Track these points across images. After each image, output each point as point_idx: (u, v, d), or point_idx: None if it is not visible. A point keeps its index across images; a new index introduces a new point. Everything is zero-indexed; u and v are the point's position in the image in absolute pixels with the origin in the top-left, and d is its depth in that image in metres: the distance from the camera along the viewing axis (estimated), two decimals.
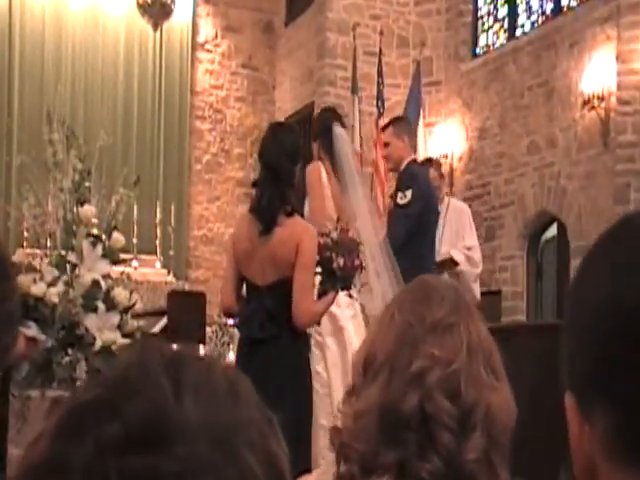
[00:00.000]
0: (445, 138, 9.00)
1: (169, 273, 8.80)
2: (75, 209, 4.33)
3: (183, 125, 9.83)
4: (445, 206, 6.48)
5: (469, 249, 6.40)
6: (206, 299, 5.50)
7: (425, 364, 1.30)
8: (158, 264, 8.81)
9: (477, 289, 6.43)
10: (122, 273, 4.56)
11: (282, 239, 3.76)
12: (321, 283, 3.86)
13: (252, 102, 10.29)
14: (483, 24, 9.20)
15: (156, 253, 8.91)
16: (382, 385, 1.32)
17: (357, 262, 3.82)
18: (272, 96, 10.45)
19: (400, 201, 5.38)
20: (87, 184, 4.44)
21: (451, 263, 6.21)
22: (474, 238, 6.54)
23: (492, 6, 9.12)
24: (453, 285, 1.49)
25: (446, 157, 8.88)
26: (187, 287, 8.72)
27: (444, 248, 6.30)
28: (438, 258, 6.21)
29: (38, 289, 3.92)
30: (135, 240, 8.66)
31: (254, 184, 4.02)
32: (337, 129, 5.05)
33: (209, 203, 9.83)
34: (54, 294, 3.94)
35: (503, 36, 8.93)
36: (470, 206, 8.33)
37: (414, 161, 5.83)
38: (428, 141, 8.90)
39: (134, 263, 8.29)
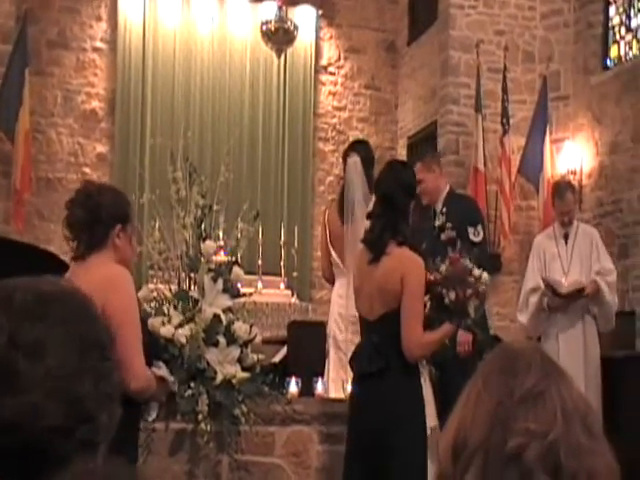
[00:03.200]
0: (573, 154, 8.72)
1: (293, 294, 8.90)
2: (197, 245, 4.46)
3: (307, 147, 9.95)
4: (574, 231, 6.27)
5: (603, 273, 6.11)
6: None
7: (521, 441, 1.23)
8: (282, 285, 8.93)
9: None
10: (243, 305, 4.66)
11: (389, 269, 3.75)
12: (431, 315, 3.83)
13: (374, 122, 10.30)
14: (614, 35, 8.86)
15: (281, 274, 9.03)
16: (477, 473, 1.27)
17: (469, 291, 3.76)
18: (395, 116, 10.42)
19: (475, 238, 5.25)
20: (210, 219, 4.57)
21: (578, 293, 5.98)
22: (609, 260, 6.27)
23: (624, 16, 8.77)
24: (537, 347, 1.43)
25: (574, 173, 8.60)
26: (310, 308, 8.78)
27: (572, 276, 6.08)
28: (565, 289, 5.98)
29: (167, 331, 4.08)
30: (260, 261, 8.82)
31: (368, 216, 4.04)
32: (350, 159, 5.23)
33: None
34: (182, 335, 4.09)
35: (636, 46, 8.57)
36: (601, 224, 8.07)
37: (452, 189, 5.76)
38: (555, 157, 8.65)
39: (259, 285, 8.45)
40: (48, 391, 1.00)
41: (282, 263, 9.03)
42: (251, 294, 4.69)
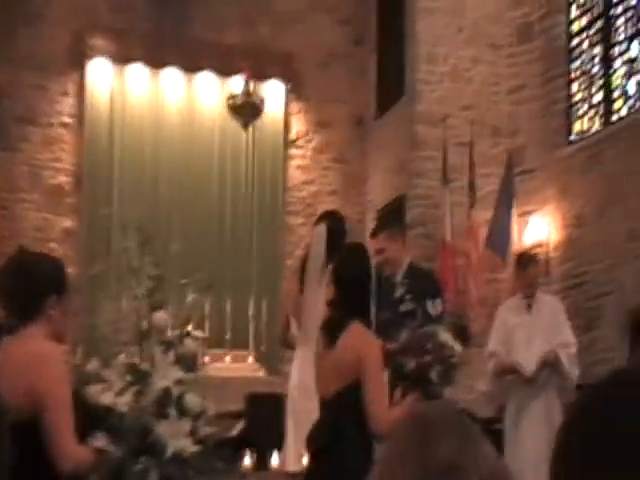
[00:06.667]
0: (540, 227, 8.76)
1: (261, 368, 8.77)
2: (149, 316, 4.36)
3: (276, 221, 9.93)
4: (537, 302, 6.26)
5: (563, 345, 6.11)
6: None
7: None
8: (251, 359, 8.81)
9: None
10: (207, 379, 4.52)
11: (345, 345, 3.67)
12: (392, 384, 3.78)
13: (343, 196, 10.34)
14: (577, 110, 9.01)
15: (249, 348, 8.92)
16: None
17: (428, 358, 3.71)
18: (363, 189, 10.48)
19: (433, 311, 5.28)
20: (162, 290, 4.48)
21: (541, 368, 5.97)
22: (570, 333, 6.25)
23: (586, 92, 8.94)
24: (451, 411, 1.34)
25: (541, 246, 8.62)
26: (278, 382, 8.65)
27: (535, 347, 6.06)
28: (529, 372, 5.94)
29: (107, 399, 3.92)
30: (228, 335, 8.72)
31: (329, 304, 3.95)
32: (317, 228, 5.22)
33: None
34: (123, 404, 3.93)
35: (599, 122, 8.71)
36: (569, 296, 8.05)
37: (413, 261, 5.81)
38: (522, 230, 8.68)
39: (227, 358, 8.33)
40: None
41: (251, 337, 8.92)
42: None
